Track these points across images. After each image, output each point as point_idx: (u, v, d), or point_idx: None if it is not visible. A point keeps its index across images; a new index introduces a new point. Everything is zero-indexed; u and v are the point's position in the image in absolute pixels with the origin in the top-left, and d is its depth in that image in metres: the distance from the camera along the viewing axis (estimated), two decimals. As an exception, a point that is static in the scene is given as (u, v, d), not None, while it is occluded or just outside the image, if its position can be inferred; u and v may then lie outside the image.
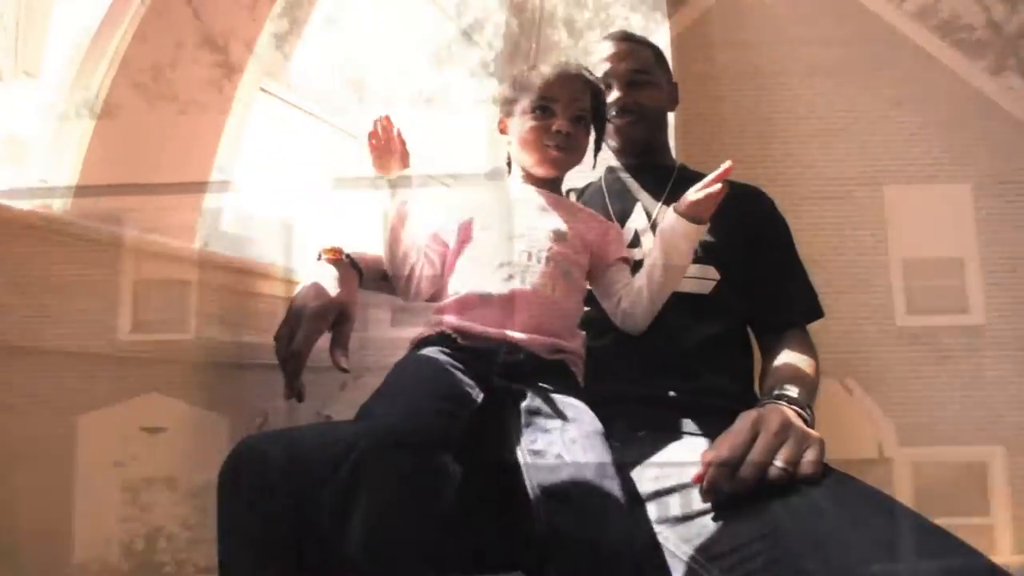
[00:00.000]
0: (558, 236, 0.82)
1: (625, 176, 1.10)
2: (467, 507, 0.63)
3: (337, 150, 1.32)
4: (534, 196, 0.86)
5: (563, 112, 0.85)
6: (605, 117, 0.95)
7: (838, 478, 0.63)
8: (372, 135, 0.81)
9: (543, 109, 0.85)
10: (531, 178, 0.88)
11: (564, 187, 0.97)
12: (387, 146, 0.81)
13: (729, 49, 2.06)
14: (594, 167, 0.99)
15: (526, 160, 0.87)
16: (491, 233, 0.83)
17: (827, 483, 0.61)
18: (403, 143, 0.82)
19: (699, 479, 0.62)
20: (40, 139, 1.13)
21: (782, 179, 2.01)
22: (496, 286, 0.78)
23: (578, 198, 1.10)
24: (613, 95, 1.04)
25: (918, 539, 0.55)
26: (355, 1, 1.56)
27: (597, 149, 0.95)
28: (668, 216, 0.85)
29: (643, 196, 1.06)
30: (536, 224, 0.83)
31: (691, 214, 0.83)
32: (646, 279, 0.84)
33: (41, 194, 0.91)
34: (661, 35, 1.87)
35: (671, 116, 1.18)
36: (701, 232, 0.84)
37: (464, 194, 0.93)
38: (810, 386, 0.86)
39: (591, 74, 0.91)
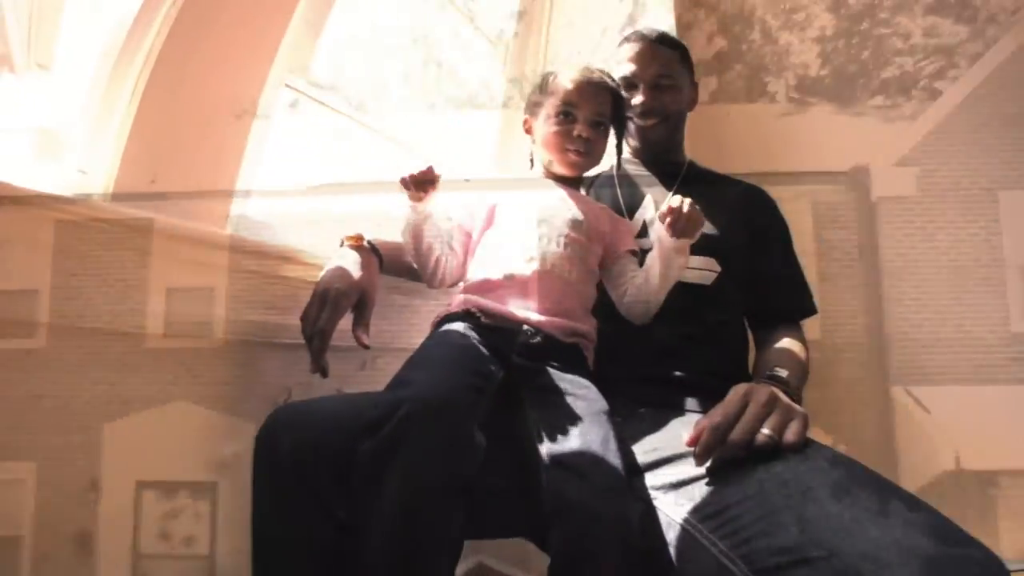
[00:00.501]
0: (575, 224, 0.87)
1: (636, 169, 1.13)
2: (481, 475, 0.69)
3: (356, 142, 1.38)
4: (554, 188, 0.92)
5: (584, 118, 0.90)
6: (625, 121, 1.00)
7: (822, 451, 0.69)
8: (413, 182, 0.82)
9: (566, 114, 0.90)
10: (552, 174, 0.94)
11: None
12: (425, 188, 0.82)
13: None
14: (618, 168, 1.04)
15: (548, 159, 0.93)
16: (514, 218, 0.88)
17: (809, 453, 0.66)
18: (437, 179, 0.83)
19: (693, 442, 0.67)
20: (75, 131, 1.20)
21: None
22: (519, 267, 0.83)
23: (589, 186, 1.13)
24: (637, 98, 1.07)
25: (894, 510, 0.60)
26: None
27: (619, 152, 1.00)
28: (660, 230, 0.84)
29: (654, 189, 1.09)
30: (556, 211, 0.88)
31: (674, 234, 0.82)
32: (645, 280, 0.87)
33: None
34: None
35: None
36: (690, 242, 0.84)
37: (486, 194, 0.95)
38: (799, 371, 0.92)
39: (613, 80, 0.96)
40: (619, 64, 1.10)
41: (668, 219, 0.80)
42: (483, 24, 1.76)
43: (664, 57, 1.10)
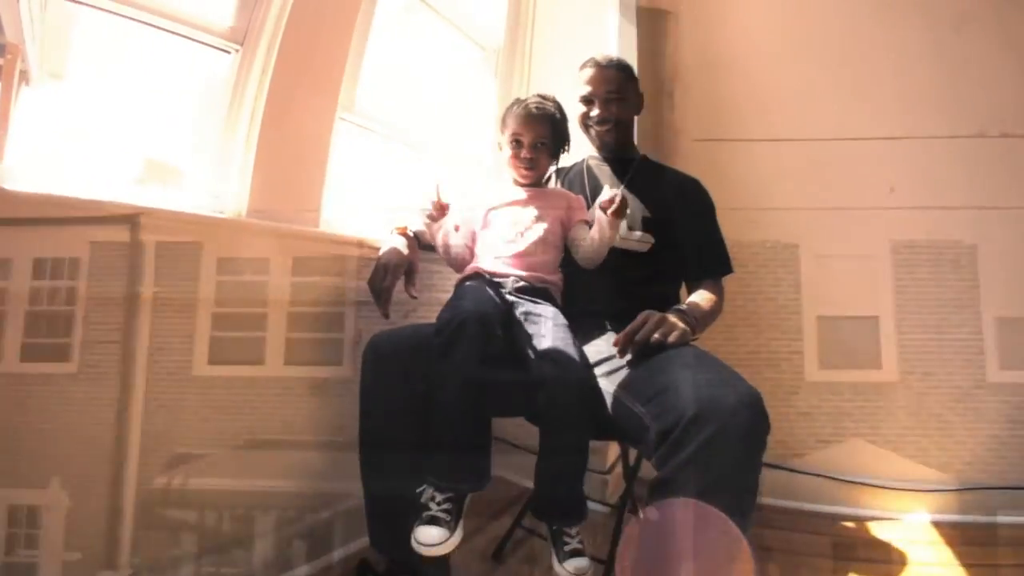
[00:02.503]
0: (537, 218, 1.30)
1: (598, 164, 1.53)
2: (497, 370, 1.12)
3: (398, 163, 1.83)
4: (520, 193, 1.33)
5: (528, 143, 1.30)
6: (564, 135, 1.37)
7: (691, 347, 1.14)
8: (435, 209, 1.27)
9: (516, 143, 1.31)
10: (517, 181, 1.35)
11: (555, 166, 1.39)
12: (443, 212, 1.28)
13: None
14: (556, 164, 1.40)
15: (510, 172, 1.35)
16: (499, 221, 1.31)
17: (681, 349, 1.11)
18: (447, 207, 1.28)
19: (616, 343, 1.12)
20: (193, 159, 1.46)
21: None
22: (505, 250, 1.28)
23: (565, 175, 1.53)
24: (595, 111, 1.46)
25: (725, 376, 1.03)
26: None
27: (558, 156, 1.37)
28: (599, 212, 1.24)
29: (610, 180, 1.48)
30: (523, 213, 1.30)
31: (616, 216, 1.23)
32: (591, 242, 1.28)
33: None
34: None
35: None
36: (618, 221, 1.25)
37: (482, 198, 1.36)
38: (699, 311, 1.32)
39: (553, 107, 1.33)
40: (580, 84, 1.49)
41: (607, 207, 1.22)
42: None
43: (613, 77, 1.47)
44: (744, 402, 0.93)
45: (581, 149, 1.51)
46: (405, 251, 1.30)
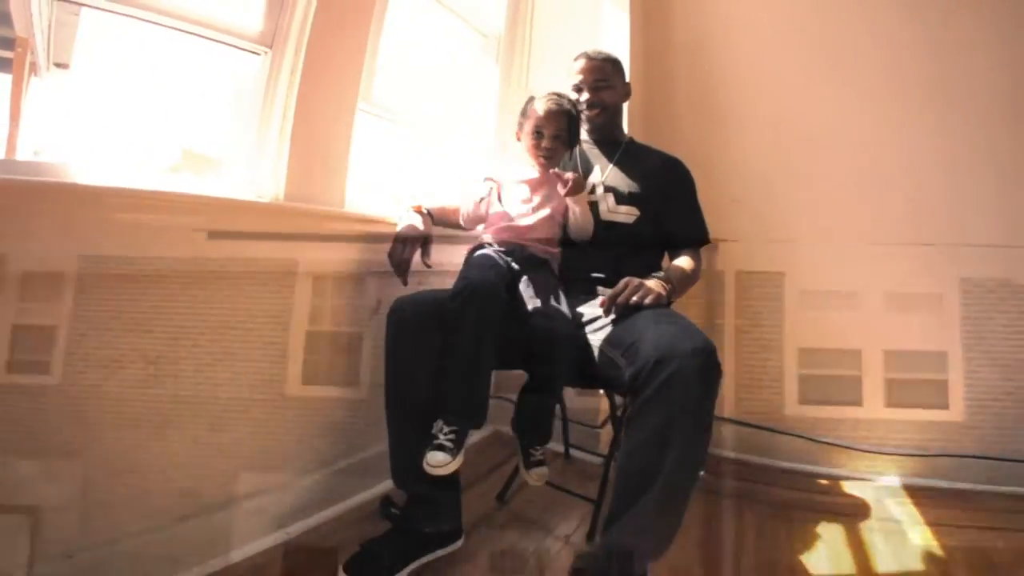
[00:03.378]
0: (545, 198, 1.49)
1: (590, 146, 1.71)
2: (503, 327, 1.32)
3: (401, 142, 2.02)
4: (533, 173, 1.51)
5: (549, 135, 1.48)
6: (578, 130, 1.55)
7: (663, 309, 1.32)
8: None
9: (537, 134, 1.48)
10: (533, 166, 1.52)
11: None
12: None
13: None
14: (570, 153, 1.59)
15: (528, 159, 1.52)
16: (511, 197, 1.49)
17: (657, 309, 1.30)
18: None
19: (601, 304, 1.31)
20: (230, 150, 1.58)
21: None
22: (515, 223, 1.46)
23: None
24: (584, 96, 1.63)
25: (686, 330, 1.20)
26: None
27: (572, 146, 1.56)
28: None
29: (600, 161, 1.67)
30: (533, 193, 1.49)
31: (571, 194, 1.46)
32: (574, 214, 1.48)
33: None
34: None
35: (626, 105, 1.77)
36: (582, 197, 1.48)
37: (497, 174, 1.55)
38: (679, 275, 1.50)
39: (569, 104, 1.51)
40: (572, 74, 1.66)
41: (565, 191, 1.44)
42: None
43: (600, 68, 1.65)
44: (698, 349, 1.11)
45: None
46: (420, 227, 1.50)
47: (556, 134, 1.49)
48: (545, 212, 1.47)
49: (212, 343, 1.35)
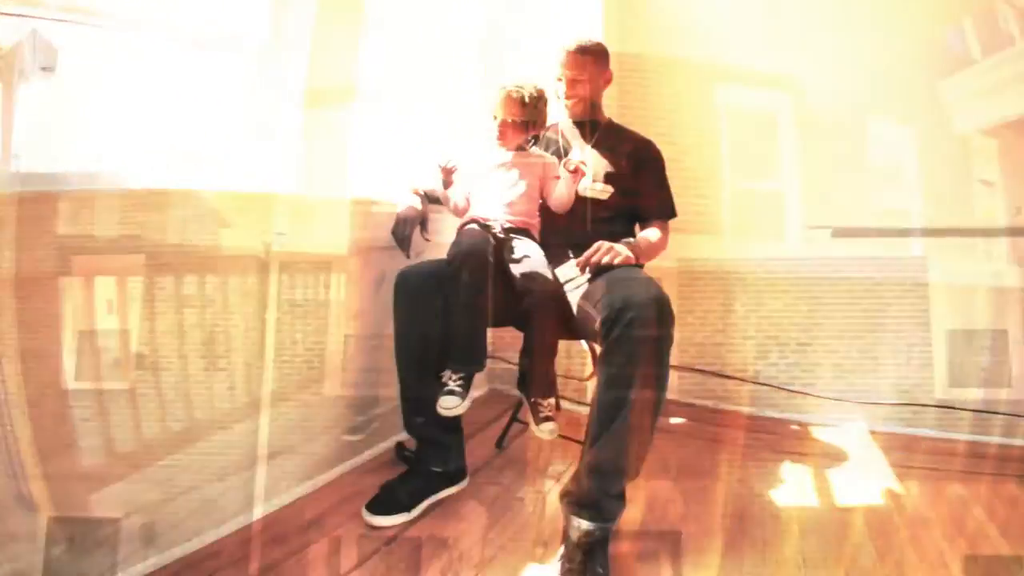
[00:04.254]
0: (520, 176, 1.68)
1: (570, 127, 1.87)
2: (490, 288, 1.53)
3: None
4: (507, 156, 1.69)
5: (503, 120, 1.63)
6: (541, 116, 1.68)
7: (632, 267, 1.52)
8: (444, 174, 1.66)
9: (495, 118, 1.65)
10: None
11: (531, 136, 1.73)
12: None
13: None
14: (529, 135, 1.73)
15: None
16: (491, 179, 1.67)
17: (626, 269, 1.49)
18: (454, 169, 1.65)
19: (579, 265, 1.51)
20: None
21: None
22: (497, 202, 1.65)
23: (544, 133, 1.83)
24: (562, 88, 1.77)
25: (645, 285, 1.38)
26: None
27: (537, 128, 1.71)
28: (562, 171, 1.65)
29: (579, 141, 1.83)
30: (508, 174, 1.67)
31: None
32: (560, 192, 1.67)
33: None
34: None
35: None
36: (578, 178, 1.64)
37: (477, 161, 1.70)
38: (644, 244, 1.68)
39: (526, 90, 1.63)
40: (556, 65, 1.80)
41: (569, 168, 1.62)
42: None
43: (579, 60, 1.78)
44: (652, 298, 1.31)
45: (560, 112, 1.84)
46: (419, 206, 1.70)
47: (511, 118, 1.63)
48: (520, 190, 1.65)
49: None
